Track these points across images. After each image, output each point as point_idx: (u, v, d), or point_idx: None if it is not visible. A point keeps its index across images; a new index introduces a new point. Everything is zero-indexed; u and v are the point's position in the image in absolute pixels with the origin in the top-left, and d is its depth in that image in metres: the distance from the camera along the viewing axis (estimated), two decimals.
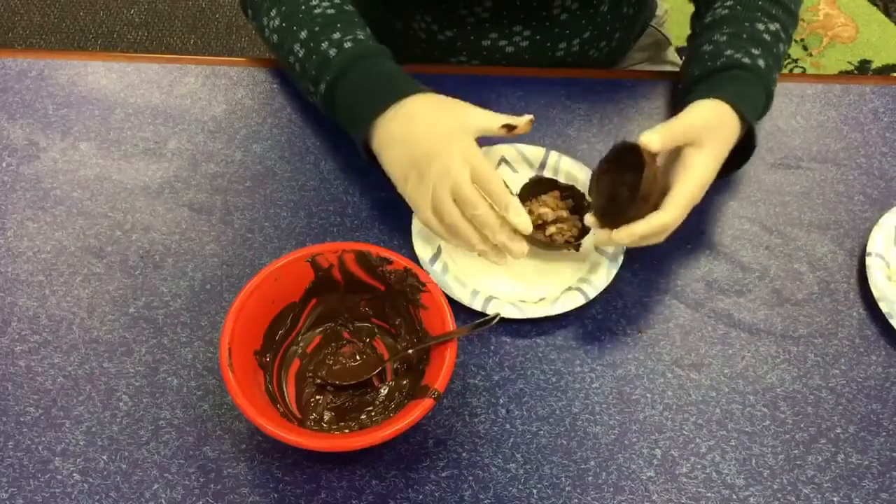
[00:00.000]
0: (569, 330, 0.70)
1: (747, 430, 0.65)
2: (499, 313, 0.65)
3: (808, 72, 1.89)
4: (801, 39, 1.97)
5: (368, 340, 0.68)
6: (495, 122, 0.69)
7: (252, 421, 0.56)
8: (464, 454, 0.63)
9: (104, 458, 0.62)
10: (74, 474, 0.61)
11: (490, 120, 0.69)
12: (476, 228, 0.66)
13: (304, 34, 0.74)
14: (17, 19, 1.97)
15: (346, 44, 0.73)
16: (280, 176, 0.78)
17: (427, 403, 0.57)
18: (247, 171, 0.78)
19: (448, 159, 0.66)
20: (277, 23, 0.77)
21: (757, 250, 0.75)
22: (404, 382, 0.65)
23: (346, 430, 0.62)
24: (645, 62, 1.03)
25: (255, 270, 0.66)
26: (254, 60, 0.87)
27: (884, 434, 0.65)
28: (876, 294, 0.71)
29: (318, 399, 0.64)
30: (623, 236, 0.66)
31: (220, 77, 0.85)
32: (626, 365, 0.68)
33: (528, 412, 0.65)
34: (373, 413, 0.63)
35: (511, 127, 0.69)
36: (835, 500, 0.62)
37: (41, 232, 0.73)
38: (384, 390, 0.65)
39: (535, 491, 0.62)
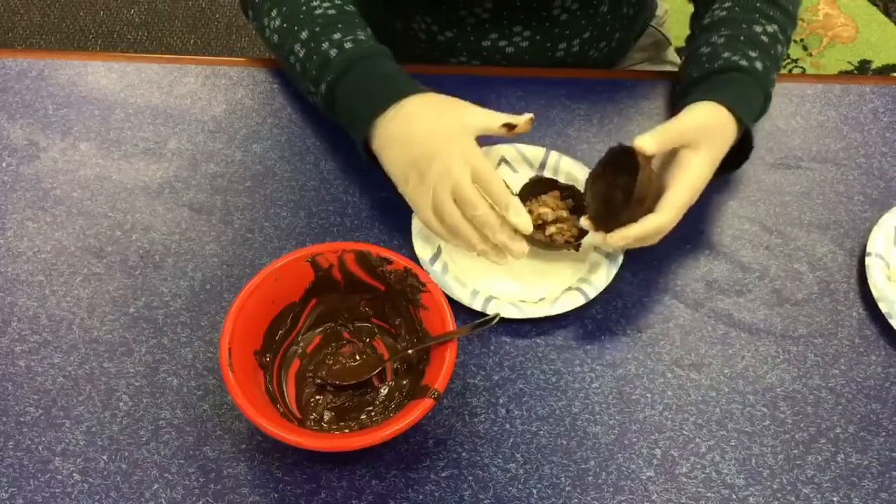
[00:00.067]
0: (569, 330, 0.70)
1: (747, 430, 0.65)
2: (499, 313, 0.65)
3: (808, 72, 1.89)
4: (801, 39, 1.97)
5: (368, 340, 0.68)
6: (495, 122, 0.69)
7: (252, 421, 0.56)
8: (464, 454, 0.63)
9: (104, 458, 0.62)
10: (74, 474, 0.61)
11: (490, 119, 0.69)
12: (476, 229, 0.66)
13: (304, 34, 0.74)
14: (17, 19, 1.97)
15: (347, 44, 0.73)
16: (280, 176, 0.78)
17: (427, 403, 0.57)
18: (247, 171, 0.78)
19: (448, 160, 0.66)
20: (278, 23, 0.77)
21: (757, 250, 0.75)
22: (404, 382, 0.65)
23: (346, 430, 0.62)
24: (645, 62, 1.03)
25: (255, 270, 0.66)
26: (254, 60, 0.87)
27: (884, 434, 0.65)
28: (876, 294, 0.71)
29: (318, 399, 0.64)
30: (617, 239, 0.66)
31: (220, 77, 0.85)
32: (626, 365, 0.68)
33: (528, 412, 0.65)
34: (373, 413, 0.63)
35: (511, 126, 0.69)
36: (834, 500, 0.62)
37: (41, 232, 0.73)
38: (384, 390, 0.65)
39: (535, 491, 0.62)
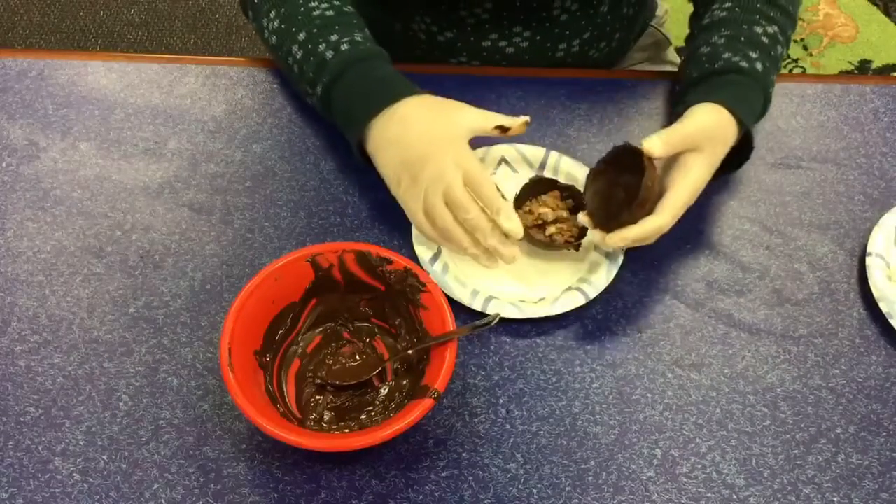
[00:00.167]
0: (569, 330, 0.70)
1: (747, 430, 0.65)
2: (499, 313, 0.65)
3: (808, 72, 1.89)
4: (801, 39, 1.97)
5: (368, 340, 0.68)
6: (489, 123, 0.70)
7: (252, 421, 0.56)
8: (464, 454, 0.63)
9: (104, 458, 0.62)
10: (74, 474, 0.61)
11: (484, 120, 0.70)
12: (468, 232, 0.67)
13: (302, 36, 0.74)
14: (17, 19, 1.97)
15: (343, 46, 0.73)
16: (280, 176, 0.78)
17: (427, 403, 0.57)
18: (247, 171, 0.78)
19: (441, 163, 0.66)
20: (277, 24, 0.77)
21: (757, 250, 0.75)
22: (404, 382, 0.65)
23: (346, 430, 0.62)
24: (645, 62, 1.03)
25: (255, 270, 0.66)
26: (254, 60, 0.87)
27: (884, 434, 0.65)
28: (876, 294, 0.71)
29: (318, 399, 0.64)
30: (616, 240, 0.66)
31: (220, 77, 0.85)
32: (626, 365, 0.68)
33: (528, 412, 0.65)
34: (373, 413, 0.63)
35: (504, 128, 0.69)
36: (835, 500, 0.62)
37: (41, 232, 0.73)
38: (384, 390, 0.65)
39: (535, 491, 0.62)
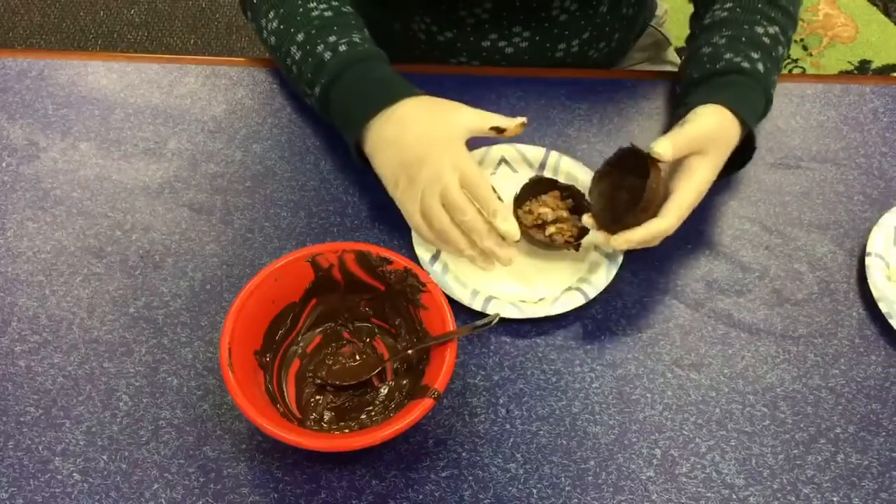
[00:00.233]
0: (569, 330, 0.70)
1: (747, 430, 0.65)
2: (499, 313, 0.65)
3: (808, 72, 1.89)
4: (801, 39, 1.97)
5: (368, 340, 0.68)
6: (485, 124, 0.70)
7: (252, 421, 0.56)
8: (464, 454, 0.63)
9: (104, 458, 0.62)
10: (74, 474, 0.61)
11: (480, 121, 0.70)
12: (464, 234, 0.67)
13: (300, 37, 0.74)
14: (17, 19, 1.97)
15: (342, 47, 0.73)
16: (280, 176, 0.78)
17: (427, 403, 0.57)
18: (247, 171, 0.78)
19: (438, 164, 0.66)
20: (275, 25, 0.77)
21: (757, 250, 0.75)
22: (404, 382, 0.65)
23: (346, 430, 0.62)
24: (645, 62, 1.03)
25: (255, 270, 0.66)
26: (254, 60, 0.87)
27: (884, 434, 0.65)
28: (876, 294, 0.71)
29: (318, 399, 0.64)
30: (621, 242, 0.66)
31: (220, 77, 0.85)
32: (626, 365, 0.68)
33: (528, 412, 0.65)
34: (373, 413, 0.63)
35: (501, 129, 0.70)
36: (834, 500, 0.62)
37: (41, 232, 0.73)
38: (384, 390, 0.65)
39: (535, 491, 0.62)
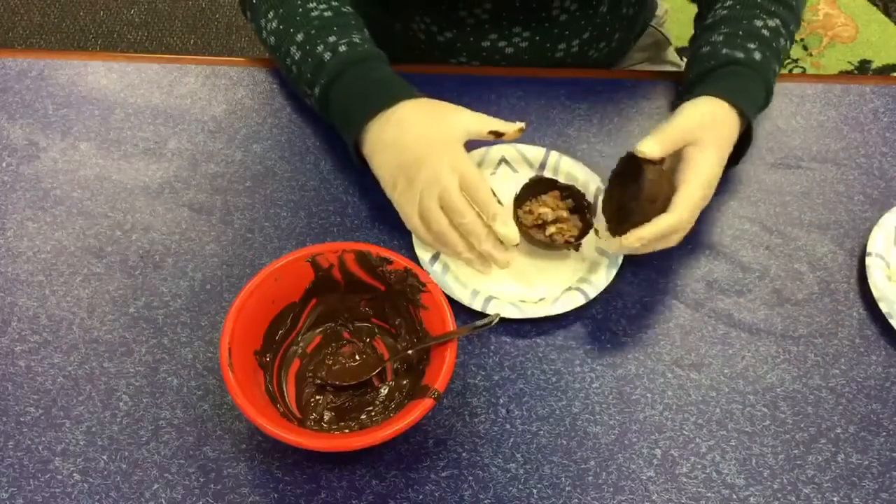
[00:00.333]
0: (569, 330, 0.70)
1: (747, 430, 0.65)
2: (499, 313, 0.65)
3: (808, 72, 1.89)
4: (801, 39, 1.97)
5: (368, 340, 0.68)
6: (484, 127, 0.70)
7: (252, 421, 0.56)
8: (464, 454, 0.63)
9: (104, 458, 0.62)
10: (74, 474, 0.61)
11: (479, 124, 0.70)
12: (462, 236, 0.67)
13: (300, 37, 0.74)
14: (17, 19, 1.97)
15: (341, 47, 0.73)
16: (280, 176, 0.78)
17: (427, 403, 0.56)
18: (247, 171, 0.78)
19: (437, 166, 0.66)
20: (275, 25, 0.77)
21: (757, 250, 0.75)
22: (404, 382, 0.65)
23: (346, 430, 0.62)
24: (645, 62, 1.03)
25: (255, 270, 0.66)
26: (254, 60, 0.87)
27: (884, 434, 0.65)
28: (876, 294, 0.71)
29: (318, 399, 0.64)
30: (632, 240, 0.66)
31: (220, 77, 0.85)
32: (626, 365, 0.68)
33: (528, 412, 0.65)
34: (373, 413, 0.63)
35: (499, 133, 0.70)
36: (835, 500, 0.62)
37: (41, 232, 0.73)
38: (384, 390, 0.65)
39: (535, 491, 0.62)
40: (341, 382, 0.65)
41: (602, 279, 0.70)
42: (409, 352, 0.64)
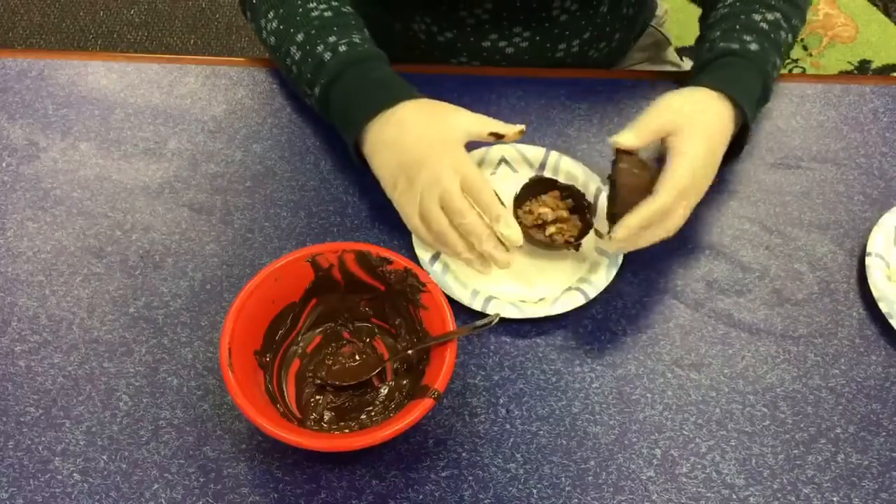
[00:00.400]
0: (569, 330, 0.70)
1: (747, 430, 0.65)
2: (499, 313, 0.65)
3: (808, 72, 1.89)
4: (801, 39, 1.97)
5: (368, 340, 0.68)
6: (484, 129, 0.70)
7: (252, 421, 0.56)
8: (464, 454, 0.63)
9: (104, 458, 0.62)
10: (74, 474, 0.61)
11: (480, 125, 0.70)
12: (463, 237, 0.67)
13: (300, 37, 0.74)
14: (17, 19, 1.97)
15: (342, 47, 0.73)
16: (280, 176, 0.78)
17: (427, 403, 0.56)
18: (247, 171, 0.78)
19: (438, 167, 0.66)
20: (275, 25, 0.77)
21: (757, 250, 0.75)
22: (404, 382, 0.65)
23: (346, 430, 0.62)
24: (645, 62, 1.03)
25: (255, 270, 0.66)
26: (254, 60, 0.87)
27: (884, 434, 0.65)
28: (876, 294, 0.71)
29: (318, 399, 0.64)
30: (621, 231, 0.66)
31: (220, 77, 0.85)
32: (626, 365, 0.68)
33: (528, 412, 0.65)
34: (373, 413, 0.63)
35: (500, 135, 0.70)
36: (835, 500, 0.62)
37: (41, 232, 0.73)
38: (384, 390, 0.65)
39: (535, 491, 0.62)
40: (341, 382, 0.65)
41: (602, 279, 0.70)
42: (409, 352, 0.64)
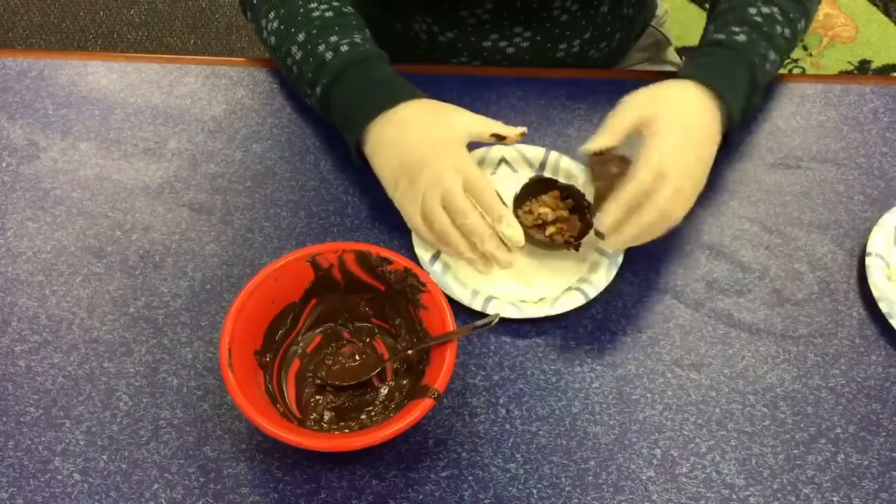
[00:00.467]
0: (569, 330, 0.70)
1: (747, 430, 0.65)
2: (499, 313, 0.65)
3: (808, 72, 1.89)
4: (801, 39, 1.97)
5: (368, 340, 0.68)
6: (486, 130, 0.70)
7: (252, 421, 0.56)
8: (464, 454, 0.63)
9: (104, 458, 0.62)
10: (74, 474, 0.61)
11: (482, 126, 0.71)
12: (465, 236, 0.67)
13: (301, 37, 0.74)
14: (17, 19, 1.97)
15: (343, 47, 0.73)
16: (280, 176, 0.78)
17: (427, 403, 0.56)
18: (247, 171, 0.78)
19: (440, 167, 0.66)
20: (276, 25, 0.77)
21: (757, 250, 0.75)
22: (404, 382, 0.65)
23: (346, 430, 0.62)
24: (645, 62, 1.03)
25: (255, 270, 0.66)
26: (254, 60, 0.87)
27: (884, 434, 0.65)
28: (876, 294, 0.71)
29: (318, 399, 0.64)
30: (605, 219, 0.66)
31: (220, 77, 0.85)
32: (626, 365, 0.68)
33: (528, 412, 0.65)
34: (373, 413, 0.63)
35: (501, 136, 0.70)
36: (835, 500, 0.62)
37: (41, 232, 0.73)
38: (384, 390, 0.65)
39: (535, 491, 0.62)
40: (341, 382, 0.65)
41: (602, 279, 0.70)
42: (409, 352, 0.64)
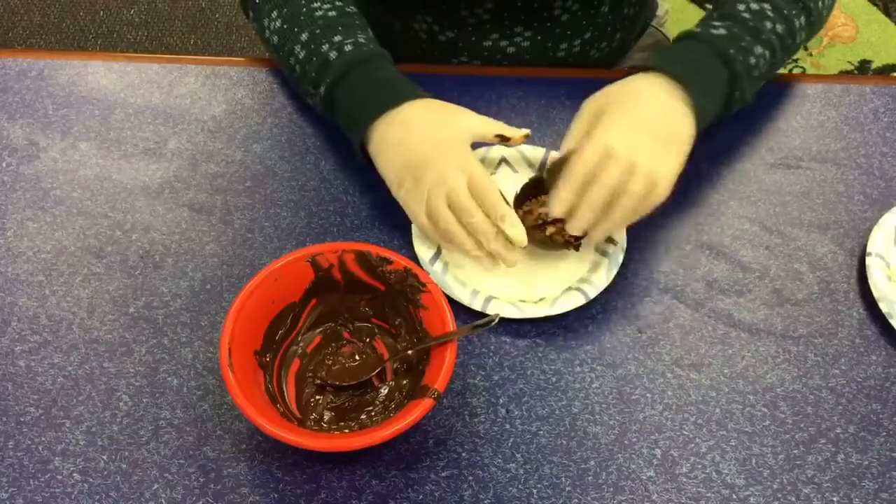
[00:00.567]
0: (569, 330, 0.70)
1: (747, 430, 0.65)
2: (499, 313, 0.65)
3: (808, 72, 1.89)
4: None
5: (368, 340, 0.68)
6: (490, 131, 0.71)
7: (252, 421, 0.56)
8: (464, 454, 0.63)
9: (104, 458, 0.62)
10: (74, 474, 0.61)
11: (485, 127, 0.71)
12: (470, 235, 0.67)
13: (304, 36, 0.74)
14: (17, 19, 1.97)
15: (347, 47, 0.73)
16: (280, 176, 0.78)
17: (427, 403, 0.56)
18: (247, 171, 0.78)
19: (445, 167, 0.66)
20: (278, 24, 0.77)
21: (757, 250, 0.75)
22: (404, 382, 0.65)
23: (346, 430, 0.62)
24: None
25: (255, 270, 0.66)
26: (254, 60, 0.87)
27: (884, 434, 0.65)
28: (876, 294, 0.71)
29: (318, 399, 0.64)
30: (556, 205, 0.66)
31: (220, 77, 0.85)
32: (626, 365, 0.68)
33: (528, 412, 0.65)
34: (373, 413, 0.63)
35: (505, 138, 0.70)
36: (835, 500, 0.62)
37: (41, 232, 0.73)
38: (384, 390, 0.65)
39: (535, 491, 0.62)
40: (341, 382, 0.65)
41: (602, 279, 0.70)
42: (409, 352, 0.64)
